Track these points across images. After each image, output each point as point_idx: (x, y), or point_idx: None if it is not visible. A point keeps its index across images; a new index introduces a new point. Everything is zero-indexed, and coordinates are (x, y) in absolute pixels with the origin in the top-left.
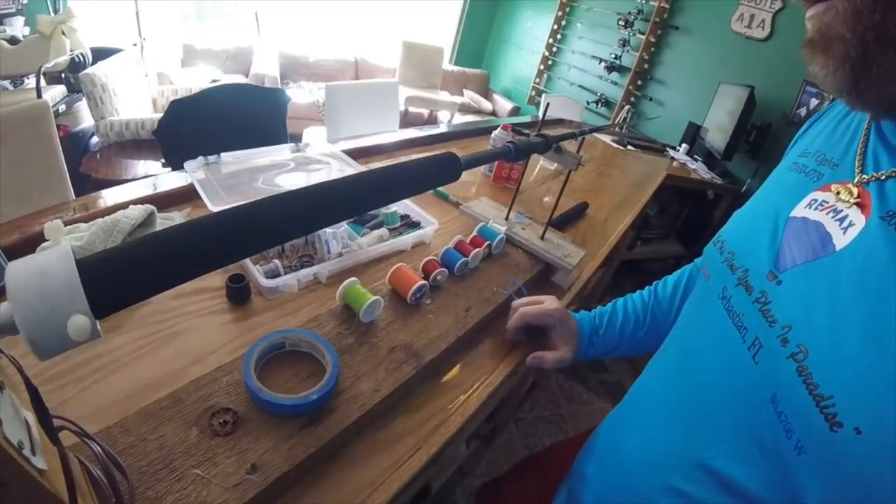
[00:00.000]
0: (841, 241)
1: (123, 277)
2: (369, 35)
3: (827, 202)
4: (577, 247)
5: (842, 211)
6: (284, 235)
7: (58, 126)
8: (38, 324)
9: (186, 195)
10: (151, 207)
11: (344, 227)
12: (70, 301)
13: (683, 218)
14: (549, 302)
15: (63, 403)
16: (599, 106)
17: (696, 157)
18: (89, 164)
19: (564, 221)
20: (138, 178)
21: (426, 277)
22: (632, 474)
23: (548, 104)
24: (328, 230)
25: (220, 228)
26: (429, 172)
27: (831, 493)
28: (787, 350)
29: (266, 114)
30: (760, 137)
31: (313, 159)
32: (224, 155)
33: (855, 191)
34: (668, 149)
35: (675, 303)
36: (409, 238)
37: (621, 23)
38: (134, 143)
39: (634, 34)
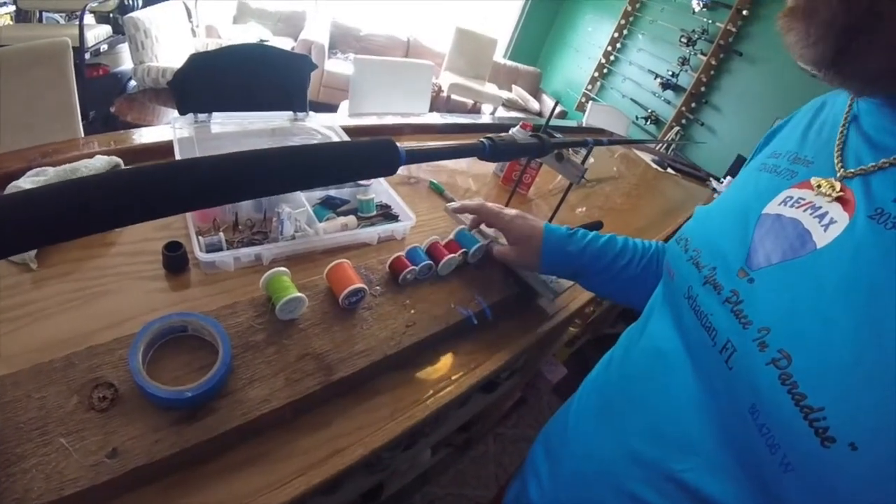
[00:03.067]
0: (822, 238)
1: None
2: (425, 16)
3: (804, 199)
4: None
5: (821, 207)
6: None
7: (98, 65)
8: None
9: (166, 151)
10: (116, 160)
11: (305, 207)
12: None
13: None
14: (514, 212)
15: None
16: (648, 123)
17: None
18: (121, 106)
19: None
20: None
21: (395, 276)
22: (589, 480)
23: (557, 102)
24: (286, 208)
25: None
26: (353, 161)
27: None
28: (766, 355)
29: (287, 78)
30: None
31: (309, 130)
32: (217, 115)
33: (837, 185)
34: (711, 179)
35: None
36: (375, 231)
37: (683, 40)
38: (168, 91)
39: (695, 54)
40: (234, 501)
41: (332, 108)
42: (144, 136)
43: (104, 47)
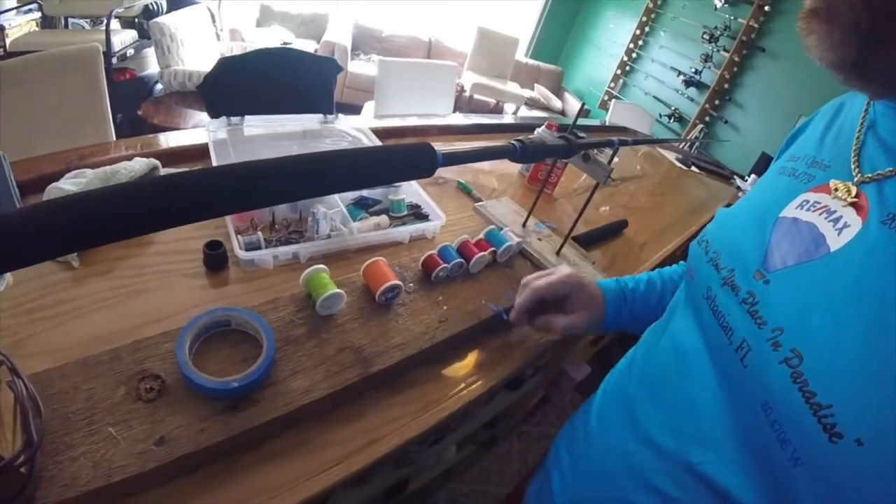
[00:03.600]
0: (835, 242)
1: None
2: (446, 16)
3: (820, 203)
4: (598, 270)
5: (836, 212)
6: (201, 213)
7: (124, 69)
8: None
9: (201, 153)
10: (155, 162)
11: (339, 207)
12: None
13: None
14: (562, 269)
15: (29, 337)
16: (672, 121)
17: None
18: (148, 109)
19: (594, 239)
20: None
21: (427, 273)
22: (610, 472)
23: (583, 104)
24: (321, 208)
25: (140, 197)
26: (393, 163)
27: None
28: (779, 355)
29: (314, 81)
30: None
31: (340, 132)
32: (249, 118)
33: (853, 190)
34: (735, 177)
35: None
36: (407, 230)
37: (706, 37)
38: (195, 94)
39: (718, 50)
40: (274, 489)
41: (356, 109)
42: (180, 138)
43: (130, 52)
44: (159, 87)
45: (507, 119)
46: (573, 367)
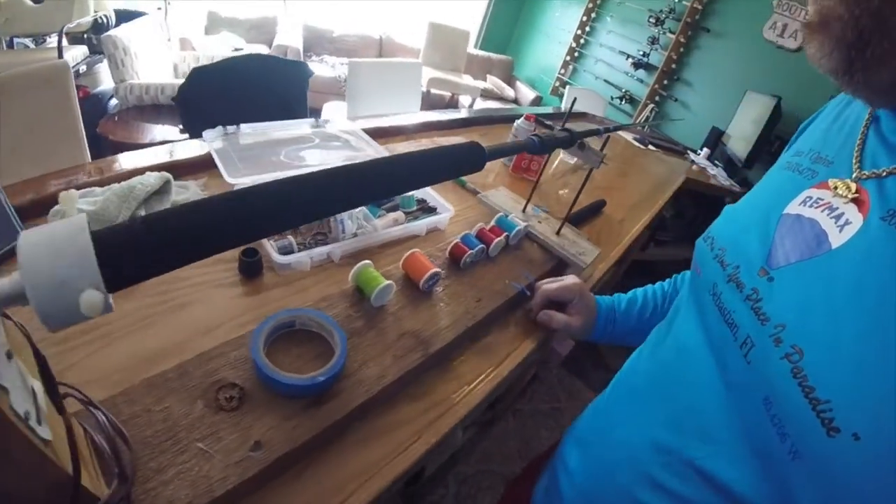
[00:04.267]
0: (837, 239)
1: (141, 253)
2: (396, 13)
3: (822, 199)
4: (592, 245)
5: (837, 208)
6: (310, 215)
7: (77, 87)
8: (50, 298)
9: (203, 164)
10: (167, 175)
11: (361, 207)
12: (83, 276)
13: (699, 223)
14: (569, 279)
15: (69, 368)
16: (623, 102)
17: (716, 162)
18: (106, 126)
19: (580, 218)
20: (155, 143)
21: (455, 261)
22: (616, 467)
23: (574, 98)
24: None
25: (243, 205)
26: (452, 162)
27: (825, 500)
28: (780, 350)
29: (288, 86)
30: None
31: (333, 136)
32: (243, 126)
33: (853, 186)
34: (689, 152)
35: None
36: (424, 223)
37: (652, 20)
38: (153, 108)
39: (664, 32)
40: (362, 473)
41: (315, 112)
42: (179, 151)
43: (83, 68)
44: (114, 102)
45: (462, 113)
46: (558, 342)
